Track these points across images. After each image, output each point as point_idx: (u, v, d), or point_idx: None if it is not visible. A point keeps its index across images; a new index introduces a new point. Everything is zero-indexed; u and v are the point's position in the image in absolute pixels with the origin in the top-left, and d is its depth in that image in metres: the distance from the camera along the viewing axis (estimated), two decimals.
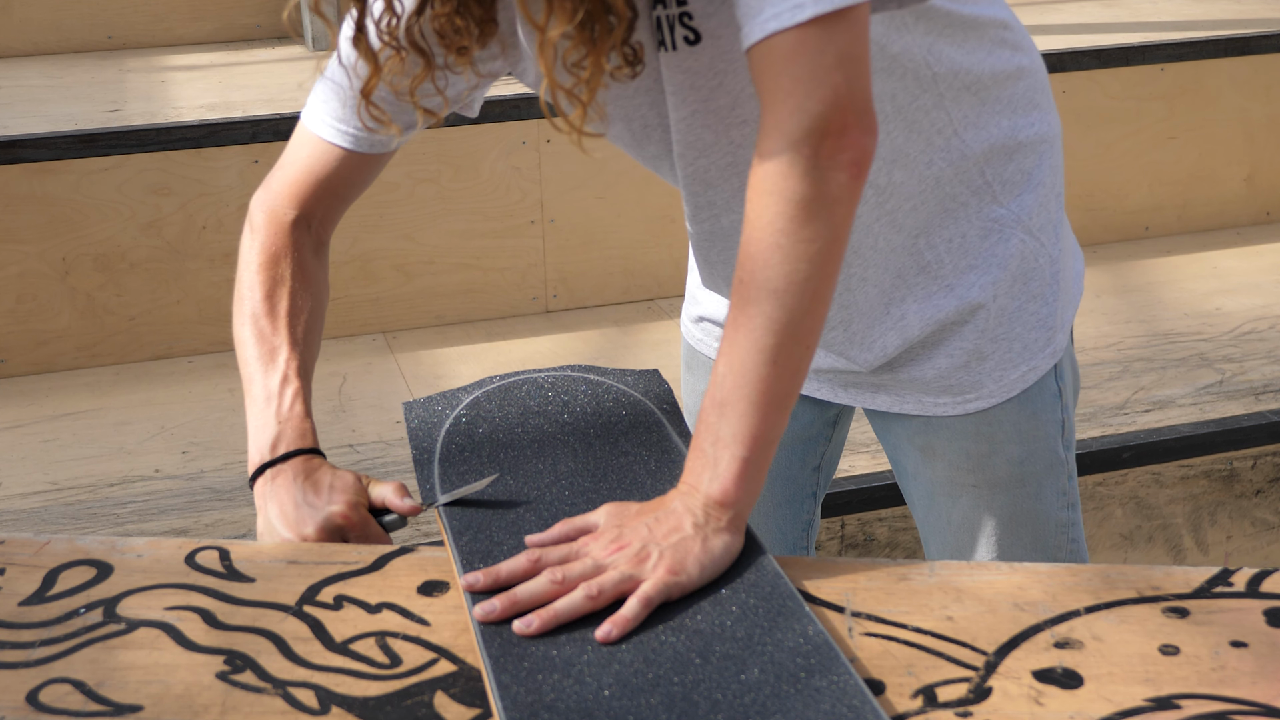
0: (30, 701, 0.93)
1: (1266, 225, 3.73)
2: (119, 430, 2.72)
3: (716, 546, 1.02)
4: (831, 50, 0.97)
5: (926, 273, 1.26)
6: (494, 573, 1.02)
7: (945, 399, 1.30)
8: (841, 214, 1.01)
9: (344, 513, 1.14)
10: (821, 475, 1.52)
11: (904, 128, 1.20)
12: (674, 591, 0.99)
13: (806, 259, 1.00)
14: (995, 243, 1.26)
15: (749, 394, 1.02)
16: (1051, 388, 1.32)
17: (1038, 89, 1.29)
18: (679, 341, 1.51)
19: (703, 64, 1.12)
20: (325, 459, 1.19)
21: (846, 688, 0.90)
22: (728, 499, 1.03)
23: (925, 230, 1.24)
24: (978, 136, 1.23)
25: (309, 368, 1.23)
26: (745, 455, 1.03)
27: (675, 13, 1.09)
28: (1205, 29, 3.69)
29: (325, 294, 1.28)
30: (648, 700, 0.90)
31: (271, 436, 1.18)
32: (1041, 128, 1.28)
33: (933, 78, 1.19)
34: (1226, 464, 2.64)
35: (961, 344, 1.27)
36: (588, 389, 1.25)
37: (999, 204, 1.26)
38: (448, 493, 1.16)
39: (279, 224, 1.25)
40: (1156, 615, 1.01)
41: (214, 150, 2.96)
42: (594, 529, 1.06)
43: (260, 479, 1.17)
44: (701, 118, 1.16)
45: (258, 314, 1.22)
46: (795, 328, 1.02)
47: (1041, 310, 1.29)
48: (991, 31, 1.23)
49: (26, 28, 3.87)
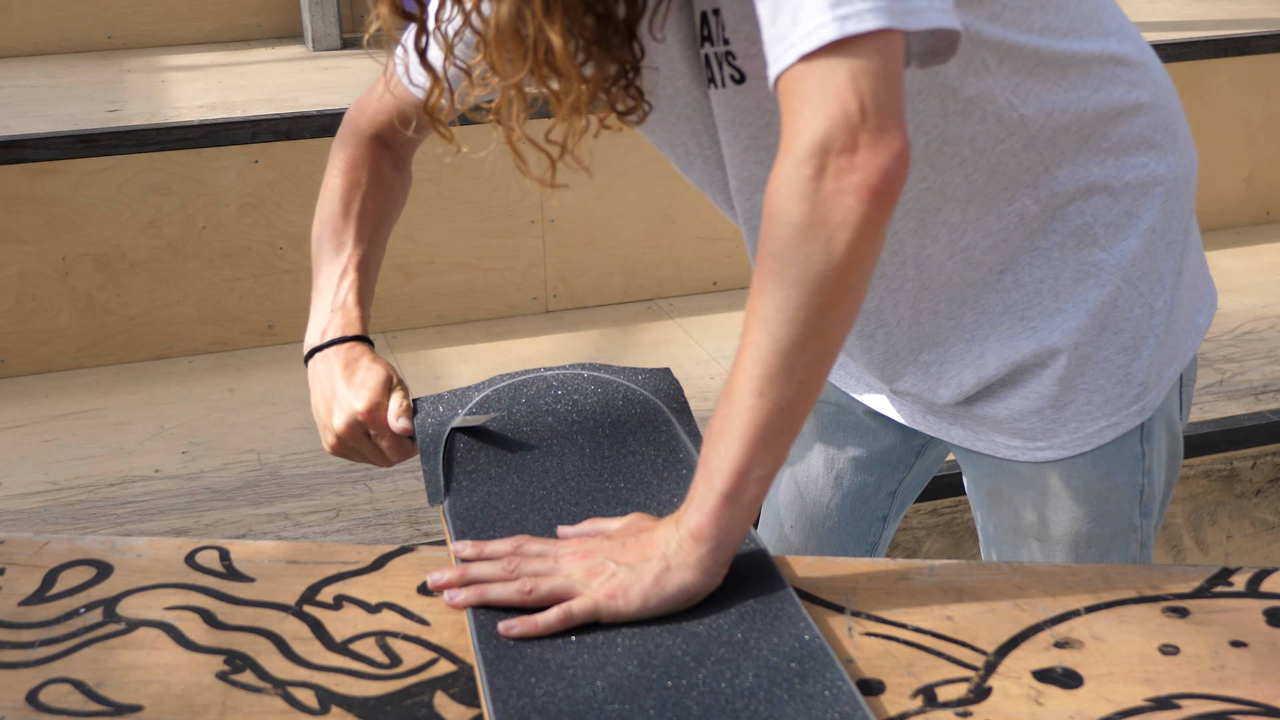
0: (30, 701, 0.93)
1: (1266, 225, 3.73)
2: (119, 430, 2.72)
3: (670, 584, 0.99)
4: (843, 69, 0.91)
5: (1012, 312, 1.20)
6: (480, 546, 1.06)
7: (1017, 443, 1.24)
8: (846, 241, 0.92)
9: (365, 411, 1.22)
10: (896, 502, 1.48)
11: (987, 170, 1.14)
12: (604, 615, 0.98)
13: (799, 286, 0.94)
14: (1090, 288, 1.19)
15: (734, 426, 0.98)
16: (1134, 449, 1.23)
17: (1158, 127, 1.20)
18: (678, 341, 1.51)
19: (750, 102, 1.11)
20: (370, 347, 1.26)
21: (839, 694, 0.90)
22: (701, 534, 0.99)
23: (1011, 268, 1.19)
24: (1074, 175, 1.16)
25: (370, 263, 1.31)
26: (724, 490, 0.99)
27: (721, 51, 1.08)
28: (1205, 29, 3.69)
29: (399, 201, 1.37)
30: (640, 704, 0.90)
31: (323, 323, 1.27)
32: (1157, 169, 1.19)
33: (1019, 120, 1.13)
34: (1226, 464, 2.64)
35: (1038, 388, 1.21)
36: (597, 388, 1.25)
37: (1100, 247, 1.18)
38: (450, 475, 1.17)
39: (360, 138, 1.35)
40: (1156, 615, 1.00)
41: (214, 150, 2.96)
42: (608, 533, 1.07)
43: (311, 361, 1.27)
44: (754, 154, 1.15)
45: (334, 212, 1.32)
46: (784, 359, 0.95)
47: (1132, 364, 1.20)
48: (1099, 68, 1.16)
49: (26, 28, 3.87)
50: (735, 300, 3.25)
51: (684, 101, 1.16)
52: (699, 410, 1.44)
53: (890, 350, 1.25)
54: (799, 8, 0.92)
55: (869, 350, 1.26)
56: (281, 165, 2.99)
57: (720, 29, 1.08)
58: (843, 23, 0.90)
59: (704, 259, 3.30)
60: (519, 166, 1.10)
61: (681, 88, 1.15)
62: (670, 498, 1.14)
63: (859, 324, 1.24)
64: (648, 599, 0.98)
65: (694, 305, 3.25)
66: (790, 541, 1.51)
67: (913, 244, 1.18)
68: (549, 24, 0.99)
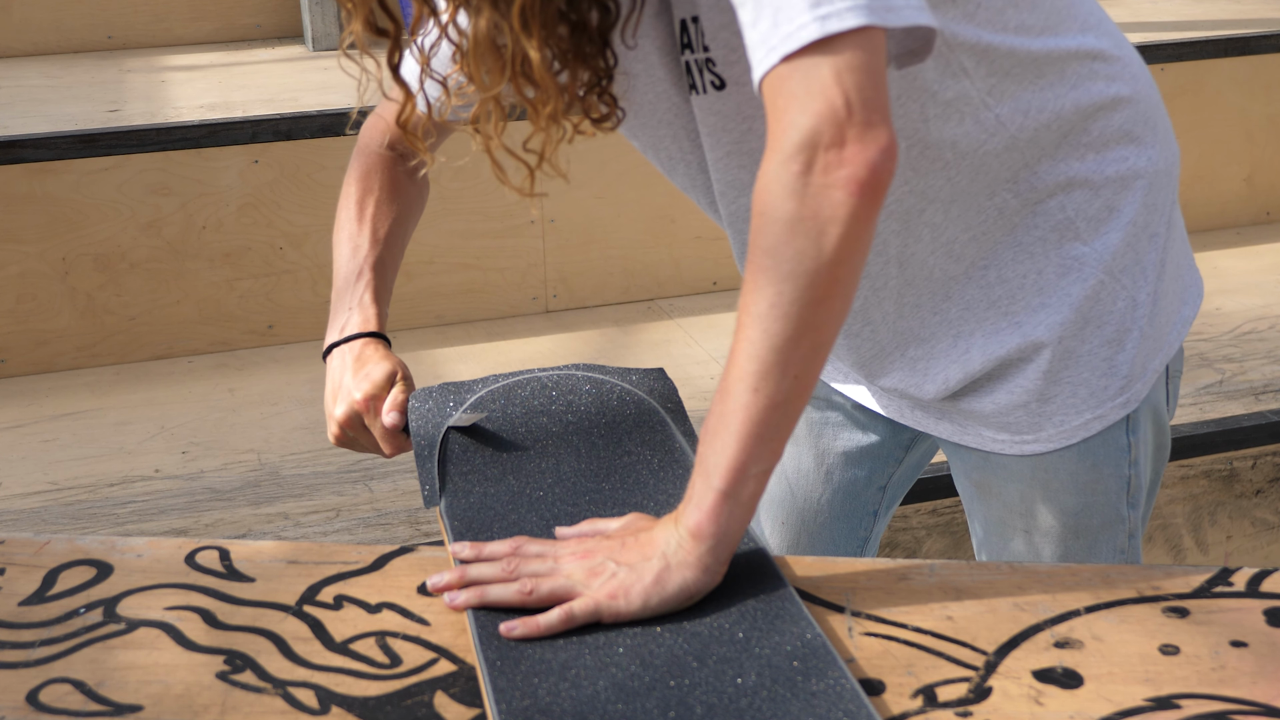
0: (30, 701, 0.93)
1: (1266, 225, 3.73)
2: (119, 430, 2.72)
3: (671, 583, 0.99)
4: (827, 66, 0.92)
5: (996, 308, 1.21)
6: (479, 547, 1.06)
7: (1004, 436, 1.25)
8: (836, 235, 0.93)
9: (362, 401, 1.25)
10: (887, 496, 1.48)
11: (970, 172, 1.15)
12: (605, 615, 0.98)
13: (791, 281, 0.94)
14: (1073, 282, 1.20)
15: (730, 422, 0.98)
16: (1119, 440, 1.24)
17: (1137, 121, 1.20)
18: (678, 341, 1.51)
19: (730, 108, 1.12)
20: (385, 343, 1.30)
21: (842, 692, 0.90)
22: (701, 532, 0.99)
23: (995, 263, 1.20)
24: (1054, 171, 1.17)
25: (386, 263, 1.35)
26: (722, 488, 0.99)
27: (702, 58, 1.09)
28: (1205, 29, 3.69)
29: (415, 204, 1.41)
30: (643, 704, 0.90)
31: (342, 321, 1.32)
32: (1138, 162, 1.20)
33: (997, 121, 1.14)
34: (1226, 464, 2.64)
35: (1023, 382, 1.22)
36: (592, 388, 1.25)
37: (1082, 241, 1.19)
38: (445, 479, 1.17)
39: (374, 148, 1.39)
40: (1156, 615, 1.01)
41: (214, 150, 2.96)
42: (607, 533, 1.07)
43: (329, 356, 1.31)
44: (736, 159, 1.16)
45: (349, 218, 1.36)
46: (779, 354, 0.96)
47: (1116, 357, 1.21)
48: (1076, 65, 1.16)
49: (26, 28, 3.87)
50: (735, 300, 3.23)
51: (665, 107, 1.17)
52: (699, 410, 1.43)
53: (876, 347, 1.26)
54: (779, 10, 0.92)
55: (856, 349, 1.27)
56: (281, 165, 2.99)
57: (700, 36, 1.08)
58: (824, 22, 0.91)
59: (704, 259, 3.30)
60: (498, 176, 1.12)
61: (662, 94, 1.15)
62: (667, 497, 1.14)
63: (845, 323, 1.24)
64: (649, 598, 0.99)
65: (694, 305, 3.25)
66: (781, 538, 1.52)
67: (896, 244, 1.19)
68: (525, 37, 1.00)
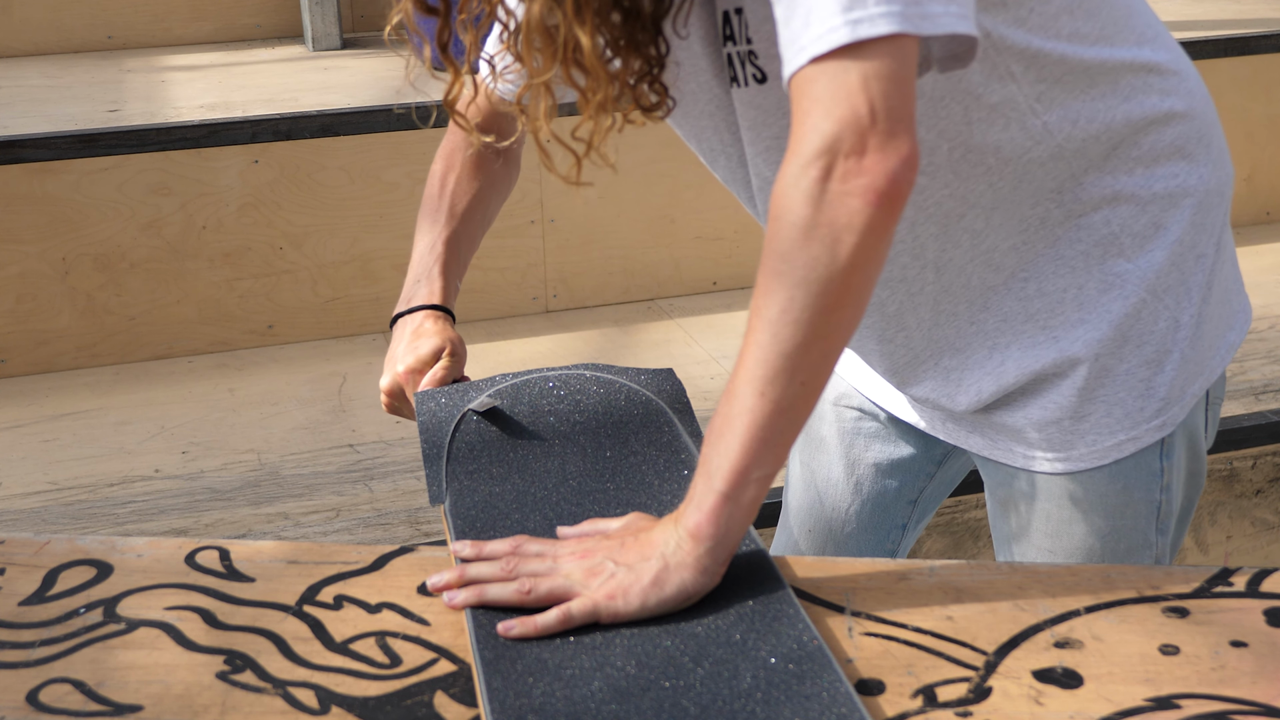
0: (30, 701, 0.93)
1: (1266, 225, 3.73)
2: (119, 430, 2.72)
3: (669, 584, 0.99)
4: (855, 72, 0.91)
5: (1034, 321, 1.19)
6: (480, 546, 1.06)
7: (1035, 453, 1.23)
8: (851, 244, 0.92)
9: (403, 374, 1.31)
10: (917, 510, 1.47)
11: (1013, 179, 1.13)
12: (604, 615, 0.98)
13: (803, 288, 0.93)
14: (1114, 299, 1.17)
15: (735, 425, 0.97)
16: (1152, 464, 1.21)
17: (1191, 138, 1.17)
18: (678, 342, 1.51)
19: (771, 102, 1.11)
20: (447, 317, 1.35)
21: (836, 695, 0.90)
22: (700, 534, 0.99)
23: (1035, 276, 1.17)
24: (1101, 184, 1.15)
25: (461, 238, 1.39)
26: (724, 490, 0.98)
27: (744, 50, 1.08)
28: (1205, 29, 3.69)
29: (500, 182, 1.43)
30: (637, 704, 0.90)
31: (410, 293, 1.36)
32: (1188, 180, 1.17)
33: (1044, 128, 1.11)
34: (1226, 464, 2.64)
35: (1057, 398, 1.19)
36: (599, 388, 1.25)
37: (1125, 258, 1.16)
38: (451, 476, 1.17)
39: (460, 129, 1.39)
40: (1156, 615, 1.00)
41: (214, 150, 2.96)
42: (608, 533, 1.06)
43: (394, 326, 1.36)
44: (775, 154, 1.14)
45: (431, 193, 1.40)
46: (787, 360, 0.95)
47: (1155, 378, 1.18)
48: (1130, 76, 1.14)
49: (26, 28, 3.87)
50: (735, 300, 3.25)
51: (707, 98, 1.16)
52: (699, 410, 1.44)
53: (910, 354, 1.24)
54: (811, 10, 0.91)
55: (890, 355, 1.25)
56: (281, 165, 2.99)
57: (743, 28, 1.08)
58: (854, 26, 0.90)
59: (704, 259, 3.30)
60: (544, 163, 1.11)
61: (704, 84, 1.15)
62: (672, 498, 1.14)
63: (879, 328, 1.23)
64: (647, 599, 0.98)
65: (694, 305, 3.25)
66: (809, 545, 1.50)
67: (934, 249, 1.17)
68: (579, 24, 0.99)
